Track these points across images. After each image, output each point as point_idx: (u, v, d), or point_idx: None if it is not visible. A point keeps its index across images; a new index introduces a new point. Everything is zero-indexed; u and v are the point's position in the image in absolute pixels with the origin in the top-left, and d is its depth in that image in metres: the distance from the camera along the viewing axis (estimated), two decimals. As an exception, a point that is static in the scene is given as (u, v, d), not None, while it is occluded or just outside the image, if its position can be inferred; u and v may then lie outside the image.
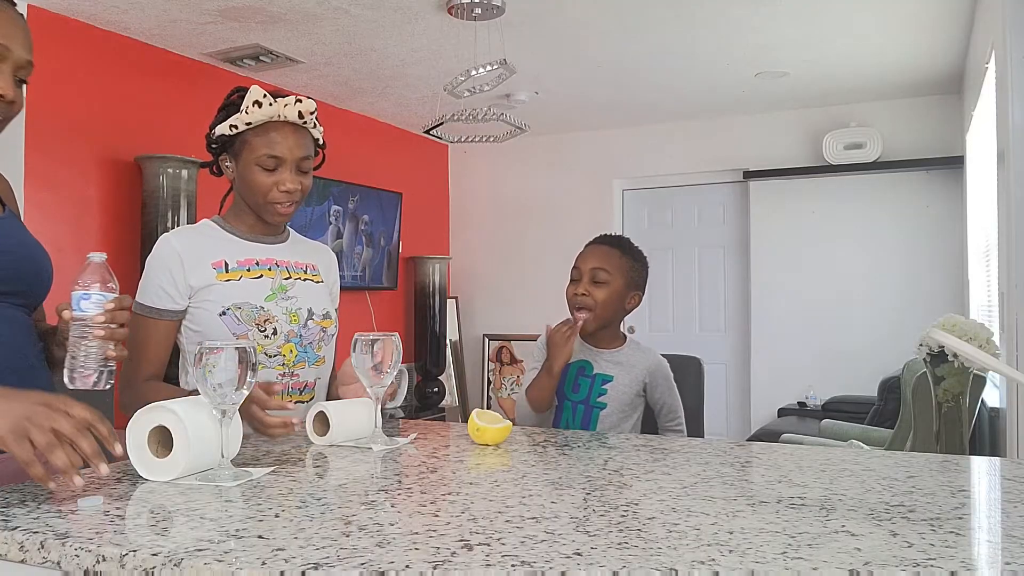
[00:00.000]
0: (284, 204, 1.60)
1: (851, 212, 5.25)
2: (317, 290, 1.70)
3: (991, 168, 3.24)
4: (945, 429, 2.75)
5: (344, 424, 1.46)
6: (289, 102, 1.57)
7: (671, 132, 5.74)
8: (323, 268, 1.76)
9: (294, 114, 1.57)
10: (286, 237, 1.73)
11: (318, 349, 1.66)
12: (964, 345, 1.30)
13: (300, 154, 1.59)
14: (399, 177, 5.76)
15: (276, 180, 1.57)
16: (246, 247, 1.64)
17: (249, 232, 1.66)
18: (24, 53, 1.26)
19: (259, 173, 1.57)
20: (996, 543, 0.89)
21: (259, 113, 1.55)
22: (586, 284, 1.92)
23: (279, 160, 1.57)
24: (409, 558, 0.79)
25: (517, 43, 3.88)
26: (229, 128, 1.58)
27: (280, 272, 1.64)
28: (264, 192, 1.58)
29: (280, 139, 1.56)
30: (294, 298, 1.64)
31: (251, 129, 1.57)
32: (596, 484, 1.14)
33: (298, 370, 1.62)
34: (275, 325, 1.58)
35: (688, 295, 5.86)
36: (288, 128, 1.58)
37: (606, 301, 1.92)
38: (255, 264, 1.62)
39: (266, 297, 1.60)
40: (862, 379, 4.97)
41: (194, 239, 1.61)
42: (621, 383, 1.93)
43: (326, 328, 1.68)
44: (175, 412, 1.15)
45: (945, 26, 3.82)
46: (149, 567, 0.80)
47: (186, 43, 3.92)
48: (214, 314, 1.55)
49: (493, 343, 6.21)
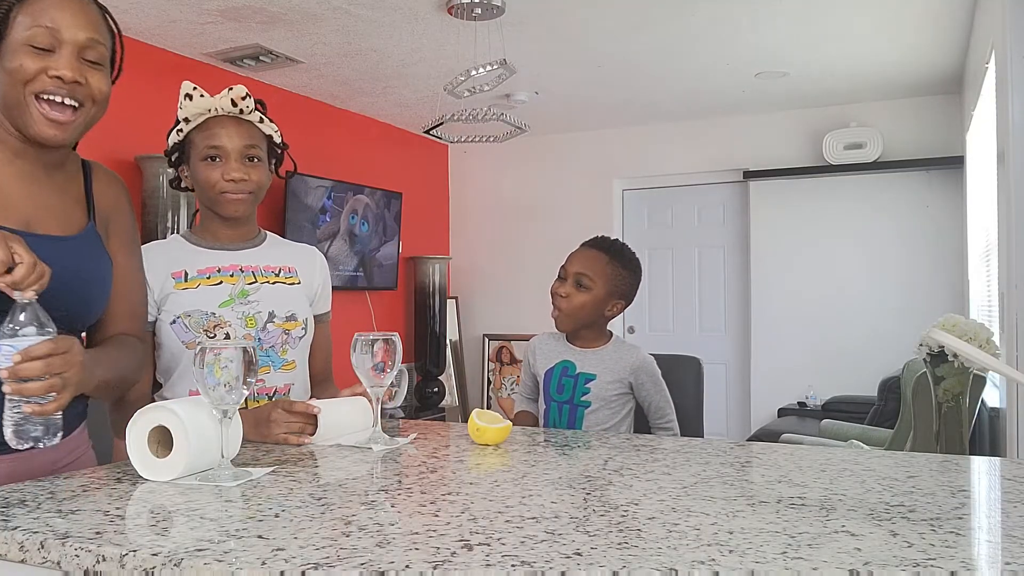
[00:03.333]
0: (233, 194, 1.59)
1: (851, 212, 5.25)
2: (288, 292, 1.68)
3: (991, 168, 3.24)
4: (945, 429, 2.75)
5: (336, 423, 1.46)
6: (222, 93, 1.59)
7: (671, 132, 5.74)
8: (303, 270, 1.73)
9: (227, 103, 1.59)
10: (260, 241, 1.72)
11: (283, 353, 1.63)
12: (964, 345, 1.30)
13: (242, 143, 1.59)
14: (399, 177, 5.76)
15: (222, 171, 1.58)
16: (210, 255, 1.64)
17: (215, 241, 1.66)
18: (82, 33, 1.21)
19: (205, 168, 1.59)
20: (996, 543, 0.89)
21: (191, 106, 1.58)
22: (569, 286, 1.94)
23: (220, 150, 1.58)
24: (409, 558, 0.79)
25: (517, 43, 3.88)
26: (177, 134, 1.62)
27: (244, 277, 1.63)
28: (212, 185, 1.58)
29: (219, 130, 1.58)
30: (255, 302, 1.62)
31: (194, 129, 1.60)
32: (596, 484, 1.14)
33: (263, 375, 1.61)
34: (227, 330, 1.57)
35: (688, 295, 5.86)
36: (228, 120, 1.60)
37: (582, 306, 1.93)
38: (216, 271, 1.61)
39: (221, 303, 1.59)
40: (862, 379, 4.97)
41: (159, 252, 1.62)
42: (604, 381, 1.93)
43: (289, 331, 1.65)
44: (175, 412, 1.15)
45: (945, 26, 3.82)
46: (149, 567, 0.80)
47: (186, 43, 3.92)
48: (167, 323, 1.56)
49: (493, 343, 6.21)
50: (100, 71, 1.25)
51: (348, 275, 5.17)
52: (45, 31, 1.18)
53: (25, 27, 1.18)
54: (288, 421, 1.45)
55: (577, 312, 1.94)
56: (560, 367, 1.98)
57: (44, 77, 1.19)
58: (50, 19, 1.19)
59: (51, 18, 1.19)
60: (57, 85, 1.19)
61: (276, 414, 1.45)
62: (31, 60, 1.18)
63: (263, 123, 1.65)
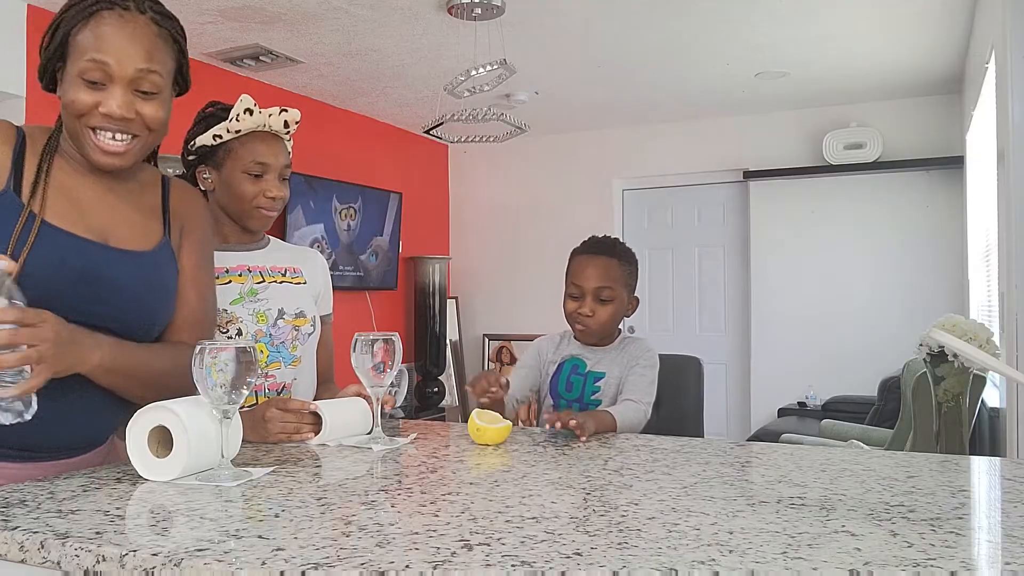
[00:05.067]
0: (267, 210, 1.64)
1: (851, 212, 5.25)
2: (295, 291, 1.70)
3: (991, 168, 3.24)
4: (945, 429, 2.75)
5: (340, 423, 1.46)
6: (274, 112, 1.62)
7: (671, 132, 5.74)
8: (307, 270, 1.75)
9: (280, 124, 1.63)
10: (264, 244, 1.74)
11: (292, 349, 1.65)
12: (964, 345, 1.30)
13: (282, 163, 1.64)
14: (399, 177, 5.76)
15: (262, 187, 1.62)
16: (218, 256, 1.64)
17: (223, 242, 1.67)
18: (131, 65, 1.19)
19: (245, 181, 1.61)
20: (996, 543, 0.89)
21: (249, 121, 1.59)
22: (590, 303, 1.89)
23: (266, 167, 1.61)
24: (409, 558, 0.79)
25: (517, 43, 3.88)
26: (212, 138, 1.62)
27: (252, 276, 1.65)
28: (250, 199, 1.61)
29: (265, 148, 1.61)
30: (264, 300, 1.64)
31: (236, 138, 1.61)
32: (596, 484, 1.14)
33: (273, 371, 1.62)
34: (239, 326, 1.59)
35: (688, 295, 5.86)
36: (271, 137, 1.63)
37: (611, 318, 1.91)
38: (224, 271, 1.62)
39: (232, 301, 1.61)
40: (862, 379, 4.97)
41: None
42: (613, 377, 1.92)
43: (299, 327, 1.67)
44: (175, 412, 1.15)
45: (945, 26, 3.82)
46: (149, 567, 0.80)
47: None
48: None
49: (493, 343, 6.21)
50: (155, 100, 1.23)
51: (348, 275, 5.17)
52: (96, 66, 1.18)
53: (79, 56, 1.18)
54: (283, 421, 1.45)
55: (606, 326, 1.92)
56: (570, 364, 1.96)
57: (96, 113, 1.19)
58: (102, 51, 1.17)
59: (103, 50, 1.17)
60: (109, 121, 1.20)
61: (271, 413, 1.45)
62: (85, 94, 1.19)
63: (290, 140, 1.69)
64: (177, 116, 1.61)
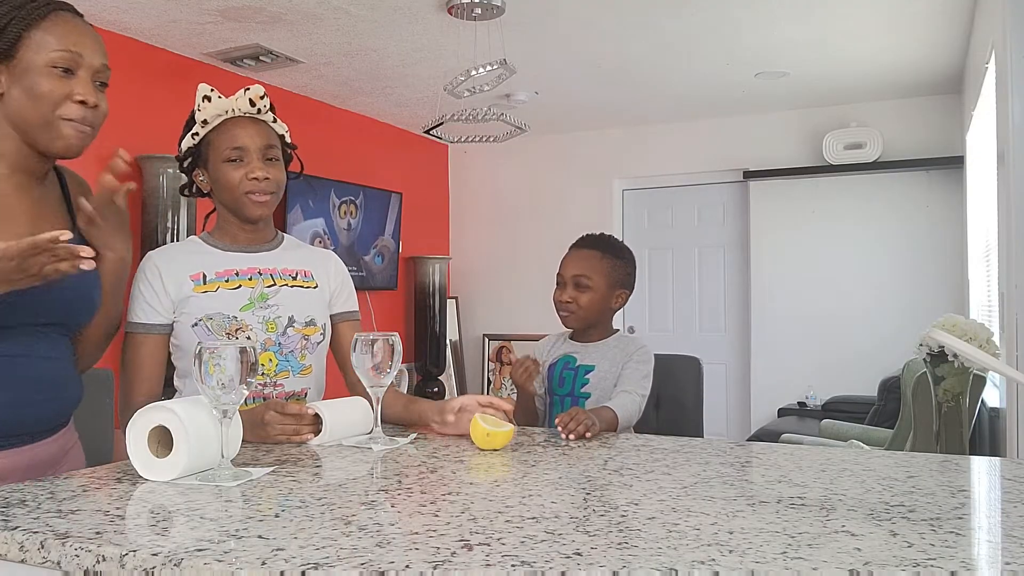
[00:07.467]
0: (257, 194, 1.59)
1: (851, 212, 5.25)
2: (306, 296, 1.67)
3: (991, 168, 3.24)
4: (945, 429, 2.75)
5: (338, 423, 1.46)
6: (239, 94, 1.60)
7: (671, 132, 5.74)
8: (320, 274, 1.72)
9: (245, 103, 1.59)
10: (277, 244, 1.70)
11: (301, 358, 1.62)
12: (964, 345, 1.30)
13: (262, 142, 1.60)
14: (399, 177, 5.76)
15: (245, 171, 1.58)
16: (228, 258, 1.63)
17: (233, 244, 1.65)
18: (98, 58, 1.28)
19: (227, 169, 1.58)
20: (996, 543, 0.89)
21: (210, 108, 1.58)
22: (570, 291, 1.98)
23: (243, 150, 1.58)
24: (409, 558, 0.79)
25: (517, 43, 3.88)
26: (192, 137, 1.61)
27: (263, 280, 1.62)
28: (235, 185, 1.58)
29: (239, 131, 1.59)
30: (275, 306, 1.61)
31: (211, 131, 1.60)
32: (596, 484, 1.14)
33: (281, 379, 1.60)
34: (249, 334, 1.57)
35: (688, 295, 5.85)
36: (245, 120, 1.60)
37: (588, 304, 1.97)
38: (234, 275, 1.60)
39: (242, 307, 1.58)
40: (862, 379, 4.97)
41: (175, 254, 1.62)
42: (603, 370, 1.95)
43: (309, 336, 1.64)
44: (175, 412, 1.15)
45: (945, 26, 3.82)
46: (149, 567, 0.80)
47: (186, 43, 3.92)
48: (188, 326, 1.55)
49: (493, 343, 6.21)
50: (104, 95, 1.32)
51: (350, 275, 5.16)
52: (69, 55, 1.24)
53: (49, 48, 1.23)
54: (282, 423, 1.45)
55: (585, 311, 1.97)
56: (562, 361, 2.02)
57: (70, 103, 1.25)
58: (73, 43, 1.25)
59: (74, 42, 1.25)
60: (83, 109, 1.26)
61: (269, 416, 1.45)
62: (56, 83, 1.24)
63: (276, 123, 1.65)
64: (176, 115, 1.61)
